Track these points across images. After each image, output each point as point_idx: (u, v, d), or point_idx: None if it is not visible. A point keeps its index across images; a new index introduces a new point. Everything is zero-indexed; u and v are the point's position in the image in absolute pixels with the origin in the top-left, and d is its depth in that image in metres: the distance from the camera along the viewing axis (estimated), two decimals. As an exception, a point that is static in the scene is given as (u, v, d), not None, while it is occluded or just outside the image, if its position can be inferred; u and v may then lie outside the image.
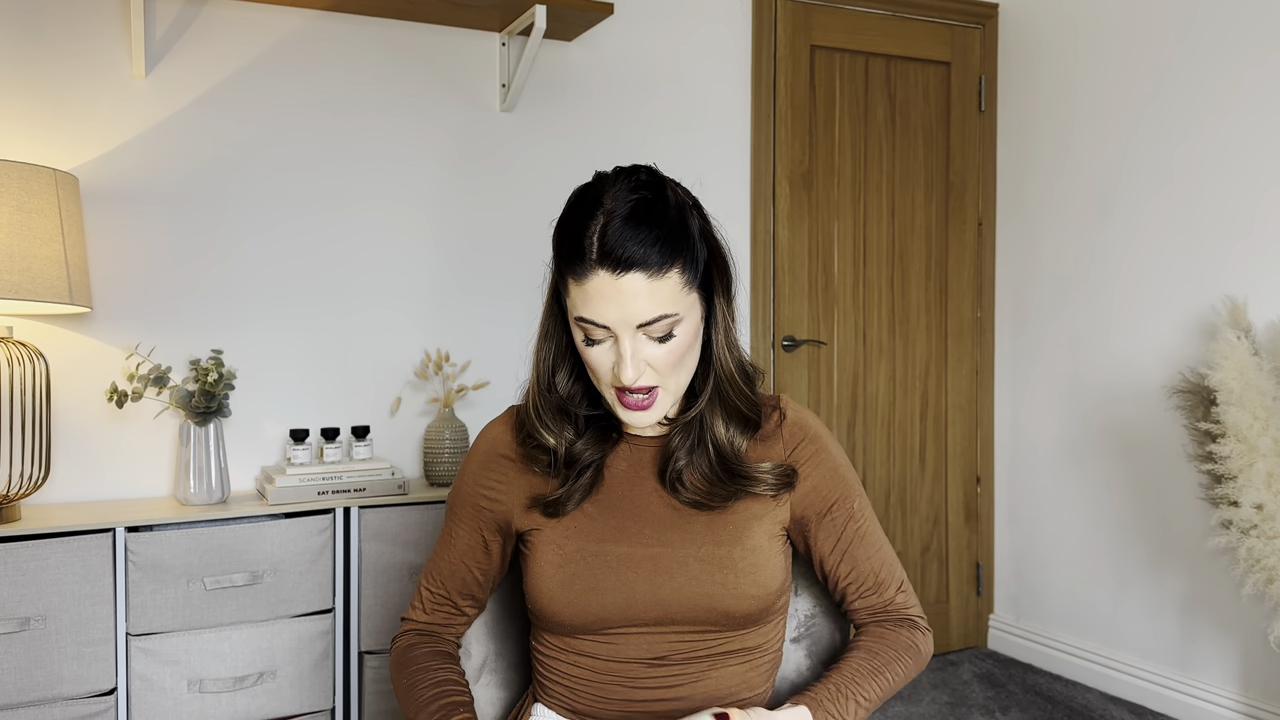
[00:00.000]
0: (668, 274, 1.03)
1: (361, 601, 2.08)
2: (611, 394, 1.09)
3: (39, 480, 1.93)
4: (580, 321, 1.05)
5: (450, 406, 2.34)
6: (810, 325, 2.98)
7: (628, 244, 1.01)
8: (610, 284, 1.02)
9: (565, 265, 1.05)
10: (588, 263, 1.02)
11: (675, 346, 1.06)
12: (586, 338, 1.07)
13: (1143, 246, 2.73)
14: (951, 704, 2.76)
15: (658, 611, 1.09)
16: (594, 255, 1.02)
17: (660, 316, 1.03)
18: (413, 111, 2.45)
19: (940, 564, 3.20)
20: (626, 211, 1.03)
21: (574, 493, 1.13)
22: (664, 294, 1.03)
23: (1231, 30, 2.51)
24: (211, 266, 2.26)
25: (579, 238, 1.03)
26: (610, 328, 1.04)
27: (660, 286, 1.03)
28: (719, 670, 1.11)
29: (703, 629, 1.10)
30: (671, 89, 2.75)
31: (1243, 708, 2.51)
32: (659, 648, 1.10)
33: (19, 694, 1.78)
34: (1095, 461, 2.88)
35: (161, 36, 2.21)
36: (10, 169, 1.82)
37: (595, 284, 1.02)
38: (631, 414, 1.09)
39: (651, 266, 1.02)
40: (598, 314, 1.03)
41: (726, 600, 1.08)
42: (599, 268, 1.02)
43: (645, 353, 1.05)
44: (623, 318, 1.03)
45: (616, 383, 1.07)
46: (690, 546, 1.10)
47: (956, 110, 3.16)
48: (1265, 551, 2.13)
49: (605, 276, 1.02)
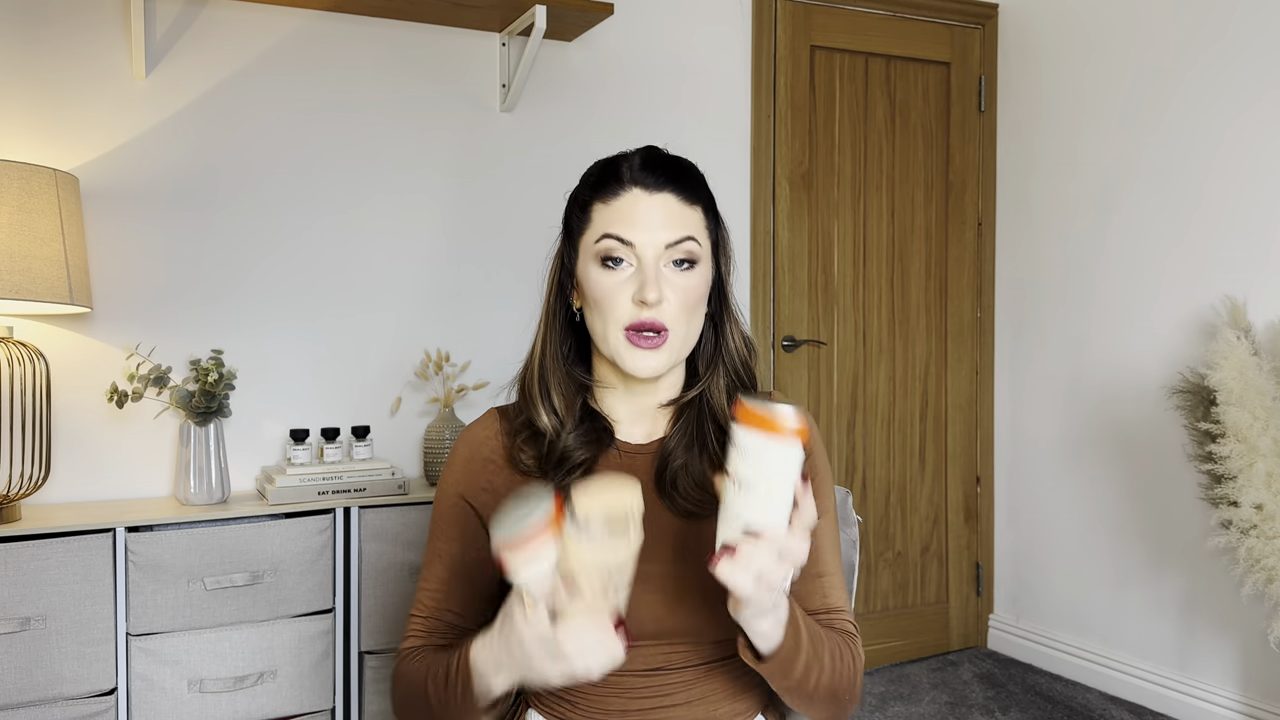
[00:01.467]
0: (694, 207, 1.09)
1: (361, 601, 2.08)
2: (620, 335, 1.06)
3: (39, 480, 1.93)
4: (605, 239, 1.06)
5: (450, 406, 2.34)
6: (810, 325, 2.99)
7: (664, 166, 1.08)
8: (644, 199, 1.06)
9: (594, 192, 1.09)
10: (623, 182, 1.07)
11: (693, 282, 1.07)
12: (606, 258, 1.06)
13: (1143, 246, 2.73)
14: (951, 704, 2.76)
15: (654, 627, 1.08)
16: (630, 175, 1.07)
17: (687, 237, 1.07)
18: (413, 112, 2.45)
19: (940, 564, 3.20)
20: (659, 152, 1.10)
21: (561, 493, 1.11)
22: (692, 222, 1.08)
23: (1232, 30, 2.51)
24: (212, 266, 2.26)
25: (614, 167, 1.09)
26: (635, 245, 1.05)
27: (689, 214, 1.08)
28: (714, 678, 1.11)
29: (694, 640, 1.09)
30: (671, 89, 2.75)
31: (1242, 708, 2.51)
32: (656, 659, 1.09)
33: (19, 694, 1.78)
34: (1095, 461, 2.88)
35: (161, 37, 2.21)
36: (10, 169, 1.82)
37: (628, 200, 1.06)
38: (639, 355, 1.06)
39: (684, 192, 1.08)
40: (626, 229, 1.05)
41: (723, 612, 1.08)
42: (634, 185, 1.07)
43: (666, 279, 1.06)
44: (651, 234, 1.05)
45: (631, 316, 1.05)
46: (683, 561, 1.08)
47: (956, 110, 3.17)
48: (1265, 551, 2.13)
49: (639, 193, 1.06)
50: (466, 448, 1.16)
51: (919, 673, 3.01)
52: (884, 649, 3.10)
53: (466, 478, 1.15)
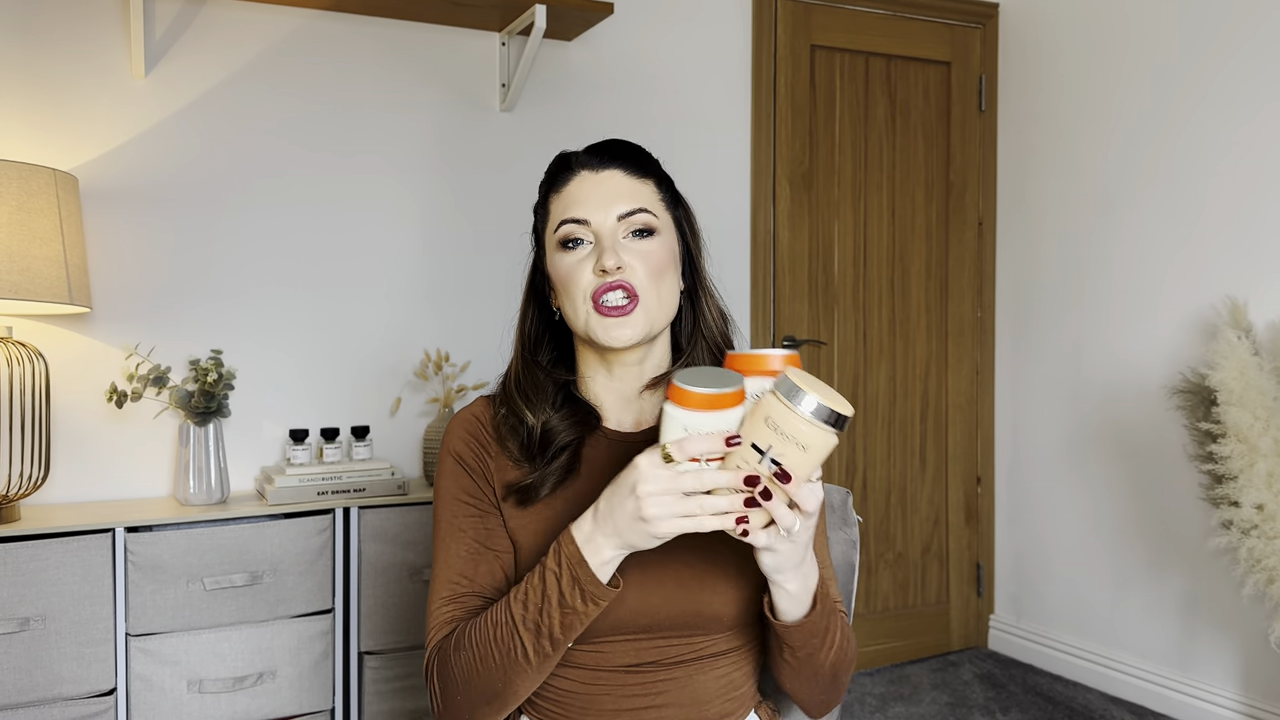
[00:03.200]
0: (645, 180, 1.12)
1: (361, 602, 2.08)
2: (589, 307, 1.07)
3: (39, 480, 1.93)
4: (562, 225, 1.10)
5: (450, 406, 2.34)
6: (810, 325, 2.98)
7: (609, 149, 1.13)
8: (591, 179, 1.11)
9: (549, 186, 1.14)
10: (572, 169, 1.13)
11: (654, 249, 1.09)
12: (567, 240, 1.10)
13: (1143, 246, 2.73)
14: (952, 704, 2.76)
15: (646, 619, 1.07)
16: (576, 160, 1.13)
17: (640, 208, 1.10)
18: (412, 111, 2.45)
19: (940, 564, 3.20)
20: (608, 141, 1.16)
21: (548, 477, 1.09)
22: (643, 194, 1.11)
23: (1232, 30, 2.51)
24: (211, 266, 2.26)
25: (564, 159, 1.15)
26: (590, 222, 1.09)
27: (639, 187, 1.11)
28: (706, 673, 1.10)
29: (690, 633, 1.09)
30: (671, 89, 2.75)
31: (1243, 708, 2.50)
32: (647, 653, 1.08)
33: (19, 694, 1.78)
34: (1096, 461, 2.88)
35: (161, 36, 2.21)
36: (10, 169, 1.82)
37: (577, 183, 1.11)
38: (610, 324, 1.06)
39: (630, 167, 1.12)
40: (579, 209, 1.09)
41: (715, 604, 1.08)
42: (581, 169, 1.12)
43: (626, 248, 1.09)
44: (603, 207, 1.09)
45: (594, 284, 1.07)
46: (677, 552, 1.07)
47: (957, 110, 3.16)
48: (1266, 552, 2.13)
49: (586, 175, 1.11)
50: (462, 427, 1.16)
51: (919, 673, 3.01)
52: (884, 649, 3.09)
53: (468, 451, 1.13)
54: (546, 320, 1.19)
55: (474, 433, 1.15)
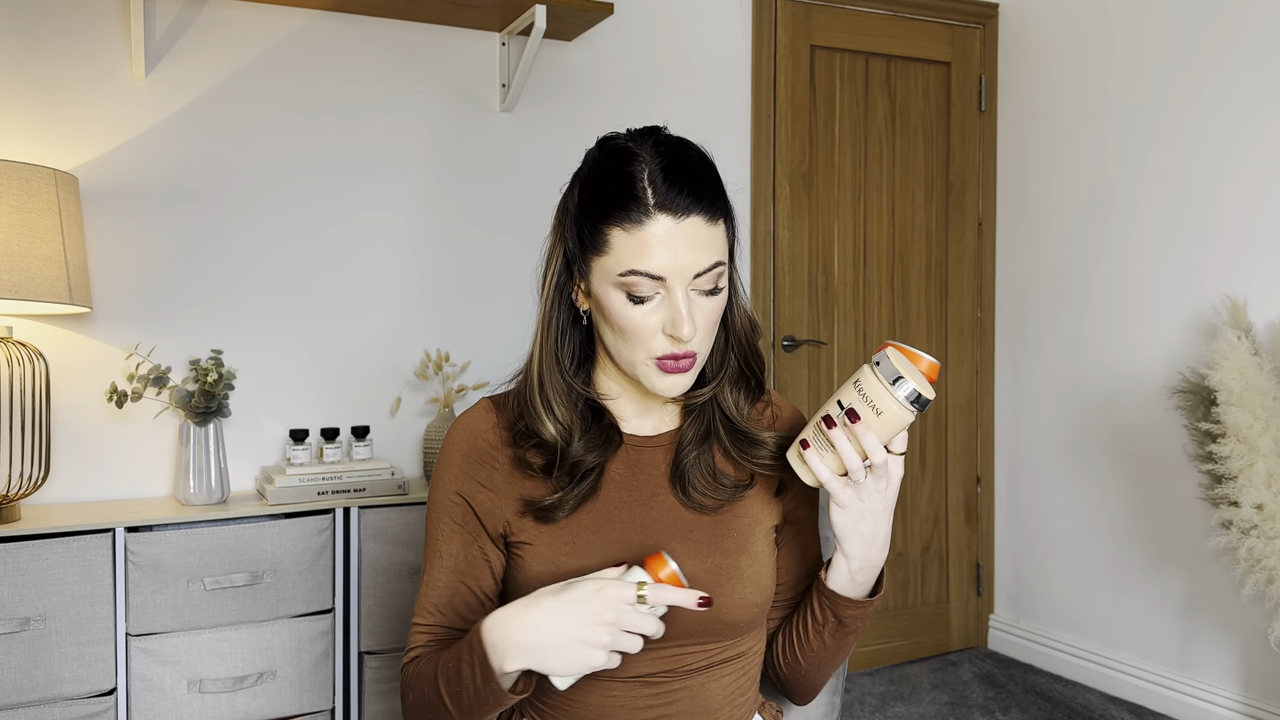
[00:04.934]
0: (719, 223, 1.01)
1: (361, 602, 2.08)
2: (647, 361, 1.02)
3: (39, 480, 1.93)
4: (629, 276, 0.98)
5: (450, 406, 2.34)
6: (810, 325, 2.98)
7: (688, 186, 0.98)
8: (671, 229, 0.97)
9: (611, 213, 0.99)
10: (645, 208, 0.97)
11: (719, 303, 1.03)
12: (631, 296, 0.99)
13: (1143, 246, 2.73)
14: (952, 704, 2.76)
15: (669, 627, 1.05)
16: (652, 199, 0.97)
17: (717, 264, 1.00)
18: (413, 111, 2.45)
19: (940, 564, 3.20)
20: (676, 157, 1.00)
21: (569, 499, 1.06)
22: (717, 242, 1.00)
23: (1232, 30, 2.51)
24: (211, 266, 2.26)
25: (628, 186, 0.98)
26: (665, 279, 0.98)
27: (715, 234, 1.00)
28: (715, 681, 1.10)
29: (705, 640, 1.08)
30: (671, 89, 2.75)
31: (1243, 708, 2.51)
32: (661, 663, 1.07)
33: (19, 694, 1.78)
34: (1095, 461, 2.88)
35: (161, 37, 2.21)
36: (10, 169, 1.82)
37: (654, 230, 0.97)
38: (669, 379, 1.02)
39: (709, 211, 0.99)
40: (654, 264, 0.97)
41: (732, 611, 1.07)
42: (659, 212, 0.97)
43: (696, 305, 1.01)
44: (679, 266, 0.97)
45: (662, 349, 1.00)
46: (696, 558, 1.07)
47: (956, 110, 3.16)
48: (1265, 552, 2.13)
49: (666, 221, 0.97)
50: (464, 442, 1.10)
51: (919, 673, 3.01)
52: (884, 649, 3.10)
53: (465, 474, 1.09)
54: (568, 318, 1.11)
55: (476, 450, 1.10)
